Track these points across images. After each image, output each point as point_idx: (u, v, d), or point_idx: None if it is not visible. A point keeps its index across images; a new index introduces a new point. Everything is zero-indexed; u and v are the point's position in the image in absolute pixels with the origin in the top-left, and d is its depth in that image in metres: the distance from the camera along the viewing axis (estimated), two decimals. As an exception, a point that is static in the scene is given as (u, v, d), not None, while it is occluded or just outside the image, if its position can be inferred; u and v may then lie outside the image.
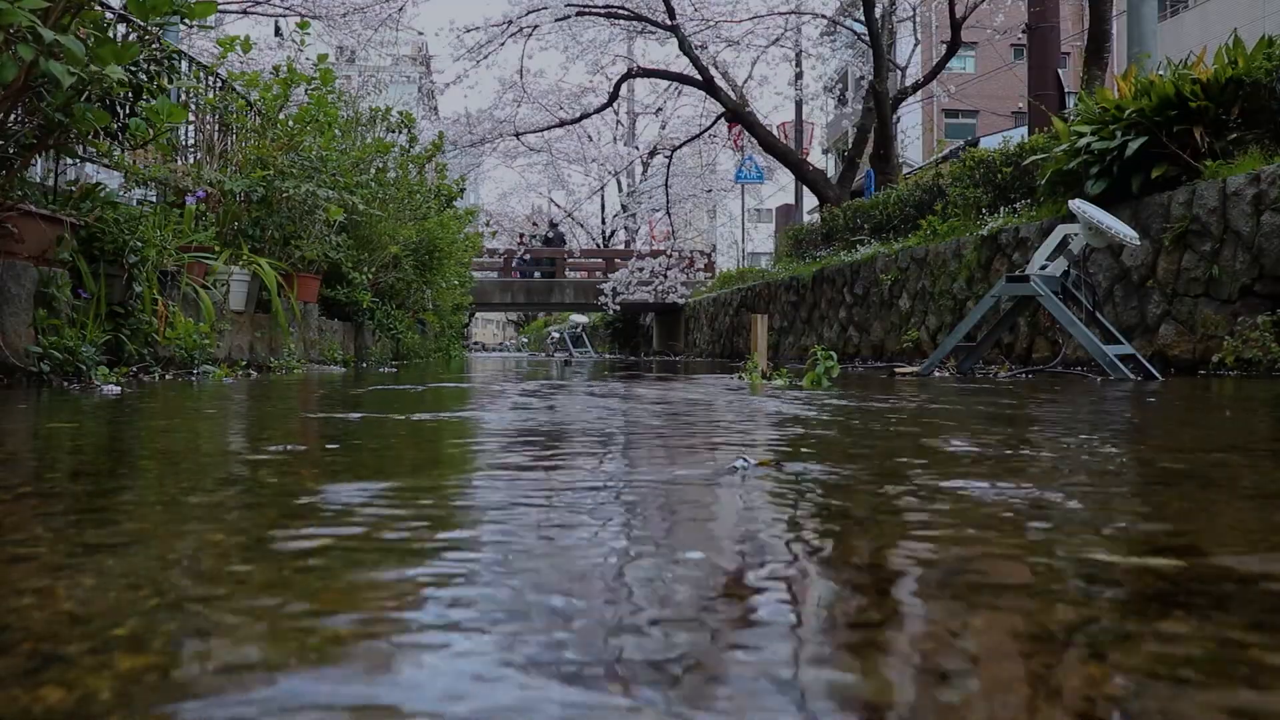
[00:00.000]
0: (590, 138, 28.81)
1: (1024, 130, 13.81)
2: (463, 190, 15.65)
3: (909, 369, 7.51)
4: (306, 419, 2.81)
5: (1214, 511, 1.18)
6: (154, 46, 4.65)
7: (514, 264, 25.15)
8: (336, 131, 8.66)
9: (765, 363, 5.72)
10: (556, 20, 16.52)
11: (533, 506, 1.21)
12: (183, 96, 6.54)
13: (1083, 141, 7.25)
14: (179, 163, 6.91)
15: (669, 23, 16.15)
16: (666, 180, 22.95)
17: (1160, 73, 7.25)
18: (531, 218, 33.74)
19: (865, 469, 1.61)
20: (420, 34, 26.75)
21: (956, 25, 15.58)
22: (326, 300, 9.06)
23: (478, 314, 41.98)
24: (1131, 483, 1.48)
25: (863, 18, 16.34)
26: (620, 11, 16.71)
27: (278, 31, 20.19)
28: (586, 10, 16.61)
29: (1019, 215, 8.86)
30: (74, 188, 4.80)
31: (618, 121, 31.18)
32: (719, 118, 19.93)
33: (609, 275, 23.78)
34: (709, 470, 1.55)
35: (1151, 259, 6.76)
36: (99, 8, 4.30)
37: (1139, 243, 6.11)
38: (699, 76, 16.74)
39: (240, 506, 1.20)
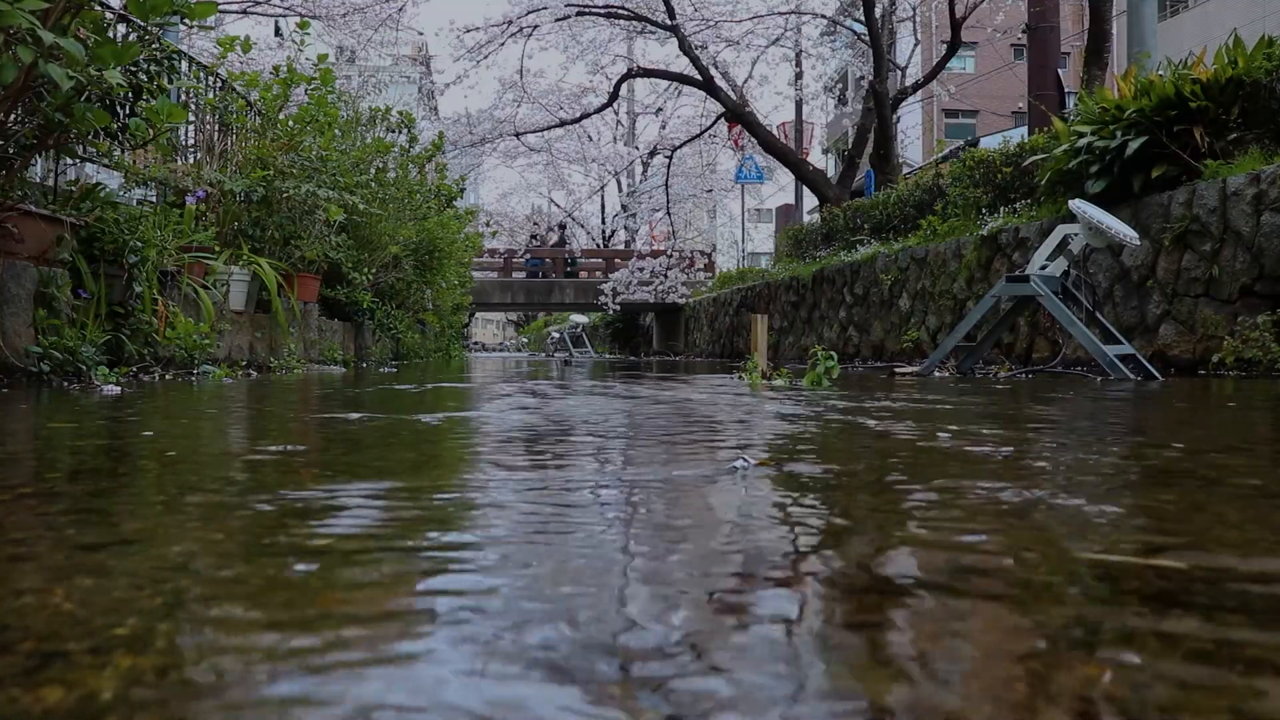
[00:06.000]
0: (590, 138, 28.83)
1: (1024, 130, 13.82)
2: (463, 190, 15.66)
3: (909, 369, 7.51)
4: (306, 419, 2.81)
5: (1215, 511, 1.18)
6: (154, 47, 4.64)
7: (523, 257, 25.34)
8: (336, 131, 8.67)
9: (765, 363, 5.72)
10: (556, 20, 16.52)
11: (534, 506, 1.21)
12: (183, 96, 6.54)
13: (1083, 141, 7.25)
14: (179, 163, 6.91)
15: (669, 23, 16.15)
16: (666, 180, 22.96)
17: (1160, 73, 7.25)
18: (532, 217, 33.77)
19: (865, 469, 1.61)
20: (420, 34, 26.77)
21: (956, 25, 15.58)
22: (326, 300, 9.06)
23: (478, 314, 42.00)
24: (1132, 482, 1.48)
25: (863, 18, 16.33)
26: (620, 11, 16.71)
27: (278, 31, 20.20)
28: (586, 10, 16.61)
29: (1019, 215, 8.86)
30: (74, 188, 4.80)
31: (618, 121, 31.20)
32: (719, 118, 19.93)
33: (609, 275, 23.79)
34: (709, 470, 1.55)
35: (1151, 259, 6.76)
36: (99, 8, 4.30)
37: (1139, 243, 6.11)
38: (699, 76, 16.74)
39: (240, 506, 1.20)
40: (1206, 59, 6.98)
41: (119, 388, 3.99)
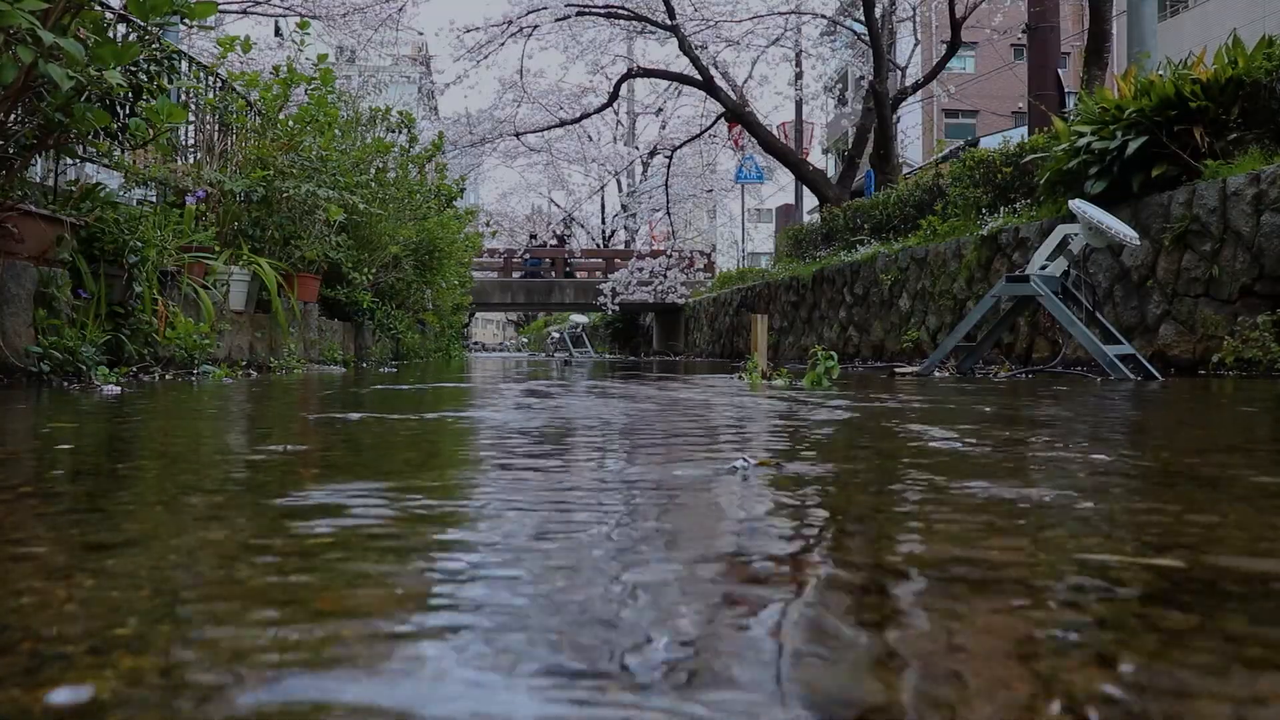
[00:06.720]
0: (590, 138, 28.83)
1: (1024, 130, 13.81)
2: (463, 190, 15.66)
3: (909, 369, 7.51)
4: (306, 419, 2.81)
5: (1216, 511, 1.18)
6: (154, 47, 4.64)
7: (523, 257, 25.44)
8: (336, 131, 8.67)
9: (765, 363, 5.72)
10: (556, 20, 16.52)
11: (536, 504, 1.21)
12: (183, 96, 6.54)
13: (1083, 141, 7.25)
14: (179, 163, 6.91)
15: (669, 23, 16.15)
16: (666, 180, 22.95)
17: (1160, 73, 7.25)
18: (532, 217, 33.76)
19: (865, 469, 1.61)
20: (420, 34, 26.78)
21: (956, 25, 15.58)
22: (326, 300, 9.06)
23: (478, 314, 42.02)
24: (1132, 482, 1.47)
25: (863, 18, 16.33)
26: (620, 11, 16.71)
27: (278, 31, 20.20)
28: (586, 10, 16.61)
29: (1019, 215, 8.86)
30: (74, 188, 4.80)
31: (618, 121, 31.20)
32: (719, 118, 19.93)
33: (609, 275, 23.78)
34: (709, 470, 1.55)
35: (1151, 259, 6.76)
36: (99, 8, 4.30)
37: (1139, 243, 6.11)
38: (699, 76, 16.74)
39: (240, 506, 1.20)
40: (1206, 59, 6.98)
41: (119, 388, 3.99)
